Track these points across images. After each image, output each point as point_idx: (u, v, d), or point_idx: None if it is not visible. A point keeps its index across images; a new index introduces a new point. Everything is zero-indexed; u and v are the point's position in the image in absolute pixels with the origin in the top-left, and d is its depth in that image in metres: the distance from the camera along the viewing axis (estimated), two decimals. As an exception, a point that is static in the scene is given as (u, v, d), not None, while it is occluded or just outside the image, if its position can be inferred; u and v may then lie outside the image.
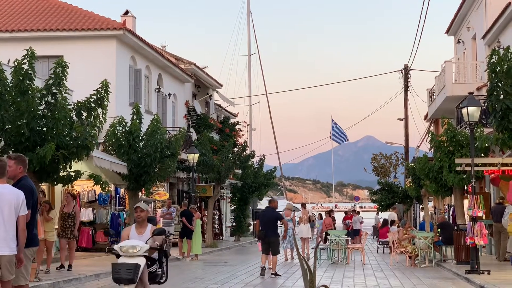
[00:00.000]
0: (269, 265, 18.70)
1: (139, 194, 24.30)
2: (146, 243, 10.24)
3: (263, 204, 57.79)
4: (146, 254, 10.12)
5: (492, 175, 21.96)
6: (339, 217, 40.40)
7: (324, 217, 33.96)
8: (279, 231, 19.71)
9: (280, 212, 21.73)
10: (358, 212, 40.56)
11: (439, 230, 23.20)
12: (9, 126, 15.17)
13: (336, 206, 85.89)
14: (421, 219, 38.32)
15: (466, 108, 18.73)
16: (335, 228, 29.51)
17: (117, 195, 26.53)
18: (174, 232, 27.07)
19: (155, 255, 10.65)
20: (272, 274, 18.26)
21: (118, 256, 10.13)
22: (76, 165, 16.97)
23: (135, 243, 10.15)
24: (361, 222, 37.32)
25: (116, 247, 10.18)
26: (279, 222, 19.20)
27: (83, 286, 15.71)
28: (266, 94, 63.07)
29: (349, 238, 25.53)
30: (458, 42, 35.83)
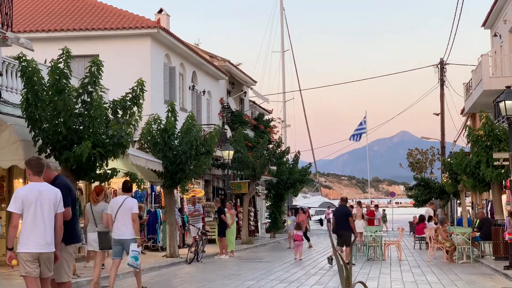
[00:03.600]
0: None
1: (175, 191, 24.38)
2: None
3: (298, 200, 57.67)
4: None
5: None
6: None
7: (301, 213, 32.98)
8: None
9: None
10: (378, 207, 40.03)
11: (477, 225, 22.92)
12: (47, 125, 15.36)
13: (372, 202, 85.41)
14: (459, 214, 37.85)
15: (503, 102, 18.52)
16: (308, 226, 28.89)
17: (153, 193, 26.71)
18: (210, 229, 27.11)
19: None
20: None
21: None
22: (112, 163, 17.09)
23: None
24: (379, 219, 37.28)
25: None
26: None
27: (121, 283, 15.84)
28: (300, 90, 62.96)
29: (386, 234, 25.38)
30: (495, 35, 35.33)
